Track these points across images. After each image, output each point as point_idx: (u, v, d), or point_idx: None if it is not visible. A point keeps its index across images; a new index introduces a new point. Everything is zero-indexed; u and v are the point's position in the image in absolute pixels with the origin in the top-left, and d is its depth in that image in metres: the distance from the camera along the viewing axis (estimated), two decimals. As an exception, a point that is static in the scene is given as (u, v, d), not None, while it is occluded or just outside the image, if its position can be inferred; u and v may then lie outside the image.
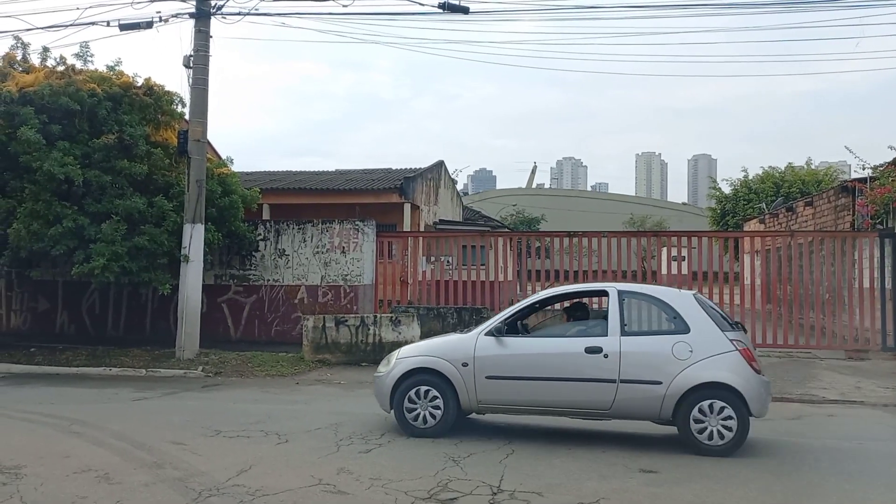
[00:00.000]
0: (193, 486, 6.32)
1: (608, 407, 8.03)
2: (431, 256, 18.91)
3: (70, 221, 13.70)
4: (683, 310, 8.16)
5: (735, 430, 7.70)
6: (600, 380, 7.98)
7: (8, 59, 15.29)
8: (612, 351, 8.01)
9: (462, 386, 8.35)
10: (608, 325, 8.21)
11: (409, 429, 8.43)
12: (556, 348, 8.35)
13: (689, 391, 7.79)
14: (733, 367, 7.85)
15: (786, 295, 17.09)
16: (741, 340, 8.10)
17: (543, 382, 8.19)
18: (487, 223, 33.12)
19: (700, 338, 7.96)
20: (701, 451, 7.70)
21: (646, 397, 7.91)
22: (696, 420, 7.77)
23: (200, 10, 14.30)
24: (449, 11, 14.24)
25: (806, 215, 22.27)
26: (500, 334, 8.43)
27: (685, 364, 7.84)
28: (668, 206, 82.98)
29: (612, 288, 8.55)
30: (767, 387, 8.12)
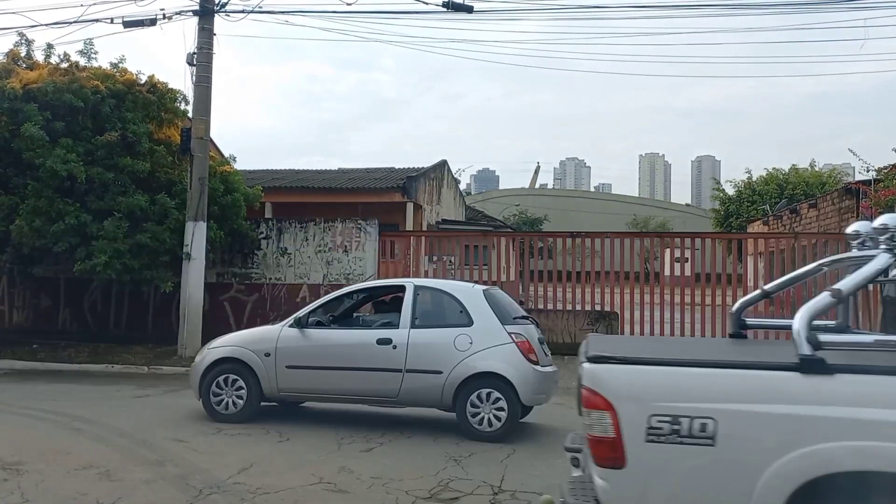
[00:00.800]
0: (194, 484, 6.32)
1: (395, 395, 8.63)
2: (434, 256, 18.89)
3: (72, 218, 13.71)
4: (470, 304, 8.76)
5: (505, 417, 8.27)
6: (389, 369, 8.58)
7: (12, 55, 15.29)
8: (401, 342, 8.61)
9: (264, 375, 8.95)
10: (400, 318, 8.81)
11: (215, 414, 9.01)
12: (352, 339, 8.94)
13: (467, 380, 8.38)
14: (507, 358, 8.43)
15: (788, 297, 17.05)
16: (521, 333, 8.62)
17: (338, 371, 8.80)
18: (490, 223, 33.11)
19: (481, 330, 8.55)
20: (475, 436, 8.22)
21: (428, 386, 8.49)
22: (472, 406, 8.34)
23: (204, 7, 14.31)
24: (453, 10, 14.24)
25: (810, 217, 22.23)
26: (303, 326, 9.05)
27: (464, 355, 8.45)
28: (671, 207, 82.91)
29: (409, 283, 9.23)
30: (546, 377, 8.72)
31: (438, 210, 28.14)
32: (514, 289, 21.25)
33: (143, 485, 6.30)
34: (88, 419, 9.03)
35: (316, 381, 8.92)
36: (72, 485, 6.29)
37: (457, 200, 32.91)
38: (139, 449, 7.57)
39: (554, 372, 9.11)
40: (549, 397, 9.04)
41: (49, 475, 6.56)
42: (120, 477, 6.52)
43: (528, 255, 20.33)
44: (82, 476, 6.55)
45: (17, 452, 7.30)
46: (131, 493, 6.08)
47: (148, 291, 17.26)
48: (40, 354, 15.05)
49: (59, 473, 6.63)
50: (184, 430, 8.48)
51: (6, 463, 6.90)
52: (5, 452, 7.28)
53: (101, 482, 6.37)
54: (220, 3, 14.44)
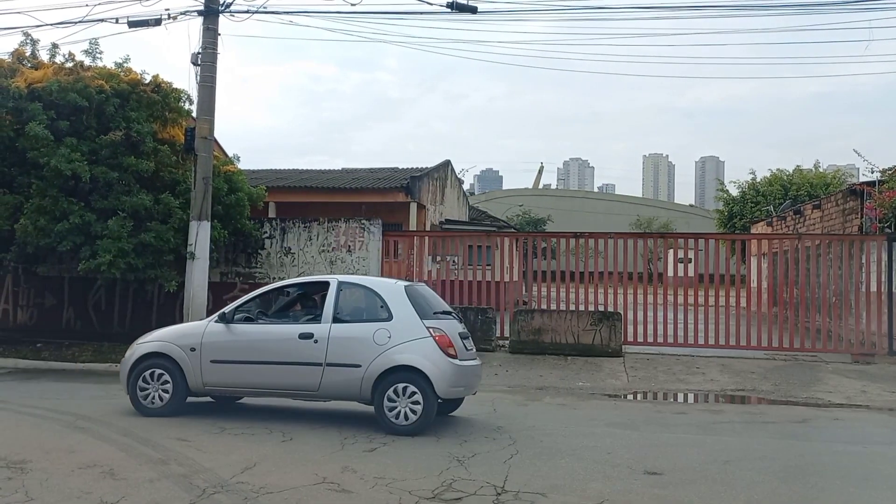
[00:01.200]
0: (198, 483, 6.33)
1: (316, 388, 8.79)
2: (437, 256, 18.89)
3: (77, 218, 13.74)
4: (391, 299, 8.93)
5: (421, 411, 8.42)
6: (310, 363, 8.75)
7: (17, 55, 15.32)
8: (322, 337, 8.77)
9: (190, 369, 9.13)
10: (323, 314, 8.96)
11: (141, 408, 9.21)
12: (275, 334, 9.07)
13: (384, 374, 8.53)
14: (424, 352, 8.57)
15: (792, 298, 17.03)
16: (439, 328, 8.78)
17: (261, 366, 8.96)
18: (493, 223, 33.12)
19: (400, 325, 8.71)
20: (392, 430, 8.39)
21: (348, 379, 8.66)
22: (389, 401, 8.48)
23: (209, 7, 14.31)
24: (457, 11, 14.21)
25: (814, 218, 22.20)
26: (228, 322, 9.20)
27: (383, 349, 8.60)
28: (674, 207, 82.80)
29: (333, 279, 9.36)
30: (464, 370, 8.84)
31: (442, 210, 28.14)
32: (517, 289, 21.27)
33: (147, 483, 6.31)
34: (92, 418, 9.06)
35: (240, 376, 9.11)
36: (76, 483, 6.31)
37: (460, 200, 32.91)
38: (143, 448, 7.58)
39: (475, 366, 9.32)
40: (468, 390, 9.21)
41: (53, 473, 6.57)
42: (124, 476, 6.53)
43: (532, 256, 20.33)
44: (86, 474, 6.57)
45: (21, 451, 7.32)
46: (135, 491, 6.09)
47: (152, 290, 17.29)
48: (44, 353, 15.08)
49: (63, 472, 6.64)
50: (187, 429, 8.50)
51: (11, 461, 6.92)
52: (10, 451, 7.31)
53: (105, 481, 6.38)
54: (225, 4, 14.44)
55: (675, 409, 11.18)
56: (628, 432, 8.74)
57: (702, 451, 7.81)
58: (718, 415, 10.24)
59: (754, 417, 10.28)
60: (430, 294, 9.82)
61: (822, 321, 16.65)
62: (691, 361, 15.02)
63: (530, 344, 15.64)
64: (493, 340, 16.08)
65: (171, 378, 9.18)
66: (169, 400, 9.18)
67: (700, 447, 8.03)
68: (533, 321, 15.85)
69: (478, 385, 9.65)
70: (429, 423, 8.53)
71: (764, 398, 11.84)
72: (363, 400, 8.78)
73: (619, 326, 15.63)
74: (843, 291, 16.71)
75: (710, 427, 9.29)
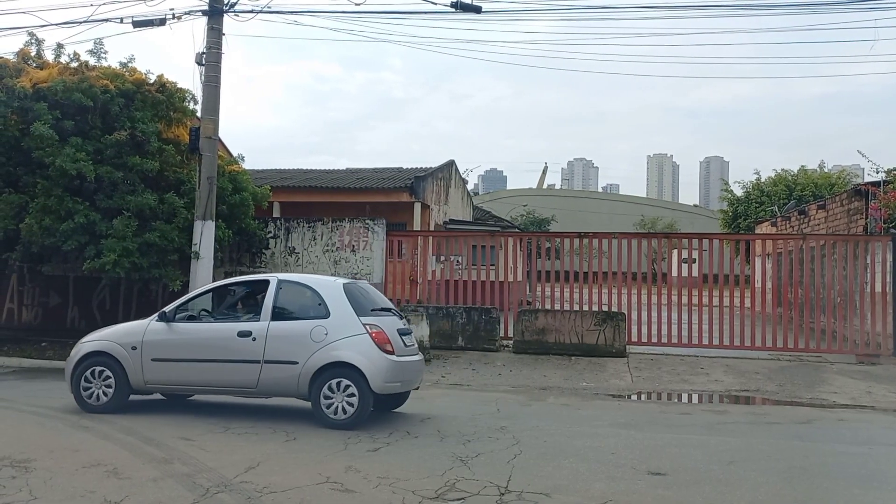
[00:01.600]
0: (201, 483, 6.34)
1: (254, 385, 8.95)
2: (441, 256, 18.89)
3: (81, 217, 13.77)
4: (329, 297, 9.07)
5: (357, 406, 8.58)
6: (248, 361, 8.90)
7: (22, 54, 15.36)
8: (260, 334, 8.92)
9: (131, 367, 9.29)
10: (262, 311, 9.11)
11: (85, 405, 9.38)
12: (215, 332, 9.24)
13: (320, 370, 8.69)
14: (360, 349, 8.72)
15: (797, 298, 16.98)
16: (376, 324, 8.95)
17: (201, 364, 9.12)
18: (498, 223, 33.10)
19: (337, 322, 8.86)
20: (328, 425, 8.55)
21: (285, 376, 8.82)
22: (325, 397, 8.65)
23: (213, 7, 14.33)
24: (461, 11, 14.21)
25: (818, 219, 22.15)
26: (169, 320, 9.35)
27: (319, 346, 8.75)
28: (679, 207, 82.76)
29: (273, 277, 9.52)
30: (401, 366, 8.97)
31: (446, 210, 28.13)
32: (521, 289, 21.26)
33: (150, 483, 6.32)
34: (96, 417, 9.07)
35: (180, 374, 9.26)
36: (80, 482, 6.32)
37: (464, 200, 32.90)
38: (146, 447, 7.59)
39: (415, 362, 9.45)
40: (407, 386, 9.34)
41: (57, 472, 6.59)
42: (128, 475, 6.54)
43: (536, 256, 20.34)
44: (90, 474, 6.58)
45: (25, 450, 7.33)
46: (139, 490, 6.10)
47: (156, 290, 17.33)
48: (49, 352, 15.11)
49: (67, 471, 6.66)
50: (191, 428, 8.51)
51: (15, 460, 6.94)
52: (14, 450, 7.32)
53: (109, 480, 6.39)
54: (230, 4, 14.45)
55: (680, 409, 11.16)
56: (632, 433, 8.72)
57: (706, 452, 7.80)
58: (723, 415, 10.22)
59: (759, 418, 10.26)
60: (372, 291, 10.03)
61: (827, 322, 16.61)
62: (695, 362, 14.99)
63: (534, 344, 15.63)
64: (496, 340, 16.07)
65: (114, 376, 9.35)
66: (111, 397, 9.35)
67: (704, 448, 8.02)
68: (537, 321, 15.84)
69: (419, 381, 9.77)
70: (365, 418, 8.71)
71: (768, 399, 11.81)
72: (301, 396, 8.94)
73: (623, 326, 15.61)
74: (847, 292, 16.67)
75: (715, 427, 9.28)
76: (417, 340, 14.42)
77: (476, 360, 14.76)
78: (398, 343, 9.12)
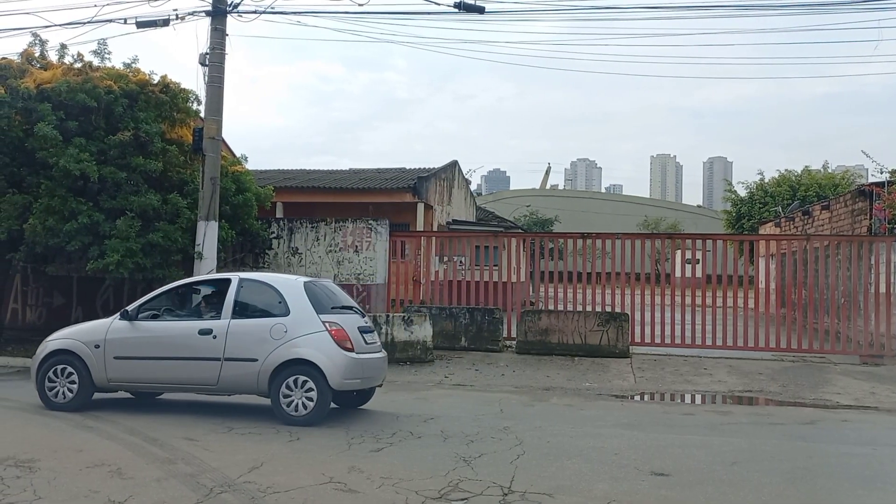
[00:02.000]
0: (205, 483, 6.35)
1: (215, 382, 9.06)
2: (444, 256, 18.90)
3: (85, 217, 13.80)
4: (289, 295, 9.18)
5: (315, 402, 8.70)
6: (209, 358, 9.02)
7: (26, 55, 15.40)
8: (221, 332, 9.03)
9: (94, 365, 9.42)
10: (223, 310, 9.21)
11: (49, 403, 9.52)
12: (177, 331, 9.36)
13: (280, 367, 8.81)
14: (318, 346, 8.84)
15: (800, 299, 16.97)
16: (336, 322, 9.05)
17: (163, 361, 9.23)
18: (501, 224, 33.09)
19: (296, 320, 8.97)
20: (288, 421, 8.67)
21: (245, 373, 8.92)
22: (284, 394, 8.77)
23: (217, 7, 14.34)
24: (464, 11, 14.21)
25: (822, 219, 22.11)
26: (131, 319, 9.48)
27: (279, 343, 8.87)
28: (682, 208, 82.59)
29: (235, 276, 9.64)
30: (361, 363, 9.09)
31: (449, 210, 28.14)
32: (524, 289, 21.24)
33: (154, 483, 6.33)
34: (100, 417, 9.09)
35: (142, 371, 9.37)
36: (83, 482, 6.33)
37: (467, 201, 32.90)
38: (150, 447, 7.61)
39: (377, 359, 9.57)
40: (368, 383, 9.44)
41: (61, 472, 6.60)
42: (131, 475, 6.55)
43: (539, 256, 20.33)
44: (94, 473, 6.59)
45: (29, 450, 7.35)
46: (142, 490, 6.11)
47: (159, 290, 17.32)
48: (53, 352, 15.10)
49: (71, 471, 6.67)
50: (195, 428, 8.52)
51: (19, 460, 6.95)
52: (18, 450, 7.34)
53: (113, 480, 6.40)
54: (233, 4, 14.47)
55: (683, 410, 11.15)
56: (635, 433, 8.71)
57: (709, 453, 7.79)
58: (726, 416, 10.21)
59: (762, 419, 10.25)
60: (334, 290, 10.13)
61: (831, 322, 16.58)
62: (699, 362, 14.98)
63: (537, 344, 15.63)
64: (500, 341, 16.07)
65: (77, 374, 9.47)
66: (75, 395, 9.46)
67: (707, 448, 8.01)
68: (540, 322, 15.84)
69: (382, 378, 9.88)
70: (324, 414, 8.80)
71: (772, 399, 11.79)
72: (261, 393, 9.05)
73: (627, 327, 15.60)
74: (851, 292, 16.64)
75: (718, 428, 9.26)
76: (421, 340, 14.57)
77: (479, 361, 14.76)
78: (358, 340, 9.24)
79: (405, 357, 14.46)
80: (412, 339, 14.59)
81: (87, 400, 9.55)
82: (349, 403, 9.77)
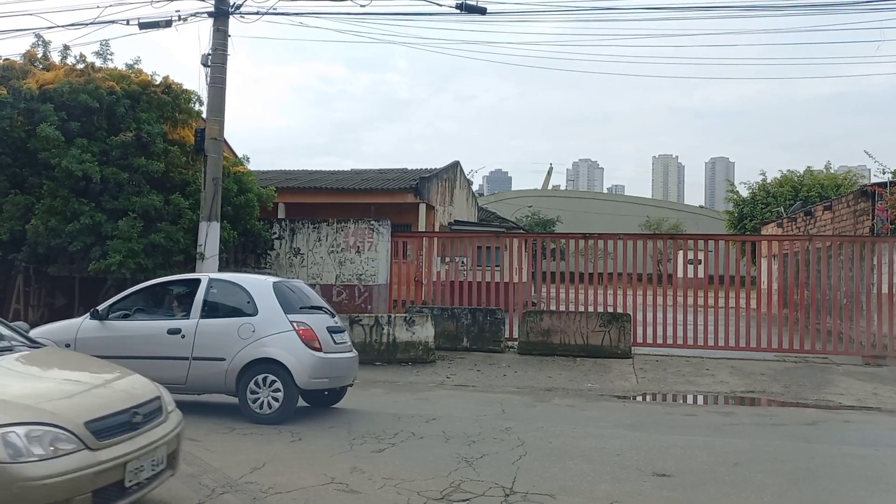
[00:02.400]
0: (206, 483, 6.35)
1: (184, 382, 9.15)
2: (446, 257, 18.90)
3: (87, 218, 13.82)
4: (257, 295, 9.32)
5: (282, 401, 8.85)
6: (177, 357, 9.15)
7: (29, 56, 15.41)
8: (189, 332, 9.18)
9: None
10: (192, 309, 9.36)
11: None
12: (147, 330, 9.47)
13: (247, 366, 8.94)
14: (286, 345, 8.97)
15: (803, 299, 16.95)
16: (304, 322, 9.18)
17: (131, 361, 9.06)
18: (502, 224, 33.11)
19: (264, 319, 9.10)
20: (255, 419, 8.82)
21: (213, 372, 9.07)
22: (251, 392, 8.91)
23: (219, 9, 14.35)
24: (466, 12, 14.21)
25: (825, 219, 22.09)
26: (101, 318, 9.60)
27: (246, 343, 9.00)
28: (684, 208, 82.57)
29: (204, 276, 9.83)
30: (329, 363, 9.20)
31: (451, 211, 28.14)
32: (526, 290, 21.24)
33: (156, 483, 6.32)
34: (102, 417, 9.10)
35: None
36: (86, 483, 6.32)
37: (469, 201, 32.91)
38: (152, 447, 7.60)
39: (346, 358, 9.67)
40: (336, 382, 9.55)
41: (63, 473, 6.59)
42: (133, 475, 6.54)
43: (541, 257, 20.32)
44: (96, 474, 6.58)
45: (31, 450, 7.34)
46: (144, 491, 6.10)
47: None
48: (55, 353, 15.11)
49: (73, 471, 6.66)
50: (196, 428, 8.50)
51: (21, 460, 6.94)
52: (20, 450, 7.33)
53: (115, 480, 6.39)
54: (235, 5, 14.48)
55: (685, 410, 11.14)
56: (637, 434, 8.71)
57: (711, 453, 7.78)
58: (728, 417, 10.20)
59: (764, 419, 10.24)
60: (305, 290, 10.23)
61: (833, 323, 16.57)
62: (701, 363, 14.96)
63: (539, 345, 15.63)
64: (501, 341, 16.07)
65: None
66: None
67: (709, 449, 8.00)
68: (542, 322, 15.83)
69: (352, 377, 9.97)
70: (290, 413, 8.91)
71: (774, 400, 11.78)
72: (228, 392, 9.16)
73: (629, 328, 15.59)
74: (854, 293, 16.62)
75: (720, 429, 9.26)
76: (422, 341, 14.56)
77: (481, 361, 14.76)
78: (327, 340, 9.34)
79: (407, 357, 14.46)
80: (414, 339, 14.58)
81: None
82: (320, 402, 9.92)
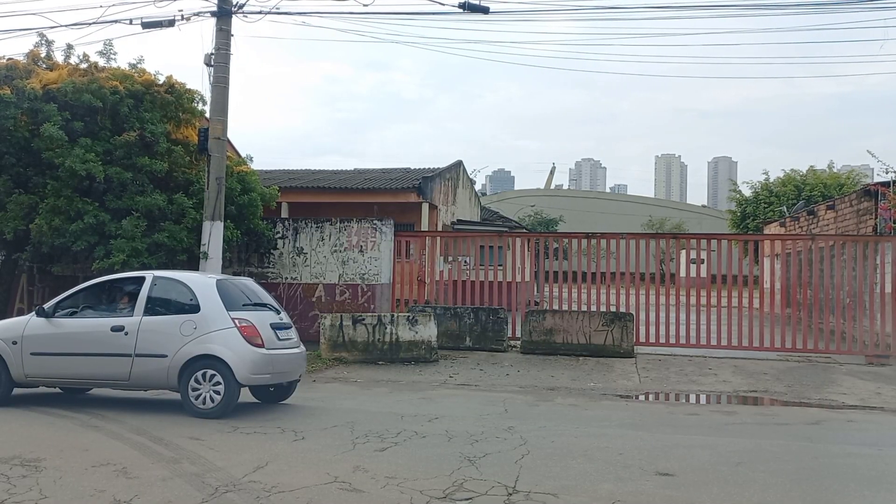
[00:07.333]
0: (210, 482, 6.36)
1: (127, 378, 9.37)
2: (449, 256, 18.90)
3: (91, 217, 13.84)
4: (200, 292, 9.47)
5: (223, 395, 9.03)
6: (120, 354, 9.29)
7: (32, 56, 15.43)
8: (132, 329, 9.32)
9: (12, 361, 9.69)
10: (136, 307, 9.49)
11: None
12: (91, 327, 9.60)
13: (188, 362, 9.12)
14: (226, 342, 9.15)
15: (806, 299, 16.93)
16: (246, 319, 9.37)
17: (77, 357, 9.53)
18: (505, 224, 33.09)
19: (206, 316, 9.27)
20: (196, 414, 9.02)
21: (155, 369, 9.23)
22: (193, 388, 9.09)
23: (222, 8, 14.36)
24: (469, 11, 14.22)
25: (827, 219, 22.06)
26: (48, 316, 9.71)
27: (188, 339, 9.18)
28: (687, 208, 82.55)
29: (149, 274, 9.93)
30: (271, 359, 9.38)
31: (454, 210, 28.15)
32: (528, 289, 21.24)
33: (159, 482, 6.35)
34: (106, 416, 9.12)
35: (57, 367, 9.62)
36: (89, 481, 6.35)
37: (472, 201, 32.90)
38: (155, 446, 7.63)
39: (292, 354, 9.89)
40: (280, 378, 9.78)
41: (67, 472, 6.63)
42: (136, 474, 6.57)
43: (544, 256, 20.32)
44: (99, 473, 6.61)
45: (35, 449, 7.38)
46: (148, 490, 6.13)
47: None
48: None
49: (76, 470, 6.70)
50: (200, 428, 8.54)
51: (25, 459, 6.98)
52: (24, 449, 7.37)
53: (118, 479, 6.42)
54: (238, 5, 14.49)
55: (688, 410, 11.13)
56: (640, 433, 8.71)
57: (714, 453, 7.78)
58: (731, 416, 10.20)
59: (767, 419, 10.23)
60: (252, 288, 10.42)
61: (836, 322, 16.56)
62: (704, 362, 14.96)
63: (542, 344, 15.63)
64: (504, 341, 16.08)
65: None
66: None
67: (712, 448, 8.00)
68: (544, 322, 15.83)
69: (298, 373, 10.25)
70: (231, 407, 9.14)
71: (777, 399, 11.77)
72: (171, 388, 9.33)
73: (631, 327, 15.58)
74: (857, 292, 16.60)
75: (723, 428, 9.25)
76: (425, 340, 14.57)
77: (484, 361, 14.76)
78: (269, 336, 9.50)
79: (410, 357, 14.47)
80: (417, 338, 14.59)
81: (6, 395, 9.79)
82: (267, 398, 10.14)
